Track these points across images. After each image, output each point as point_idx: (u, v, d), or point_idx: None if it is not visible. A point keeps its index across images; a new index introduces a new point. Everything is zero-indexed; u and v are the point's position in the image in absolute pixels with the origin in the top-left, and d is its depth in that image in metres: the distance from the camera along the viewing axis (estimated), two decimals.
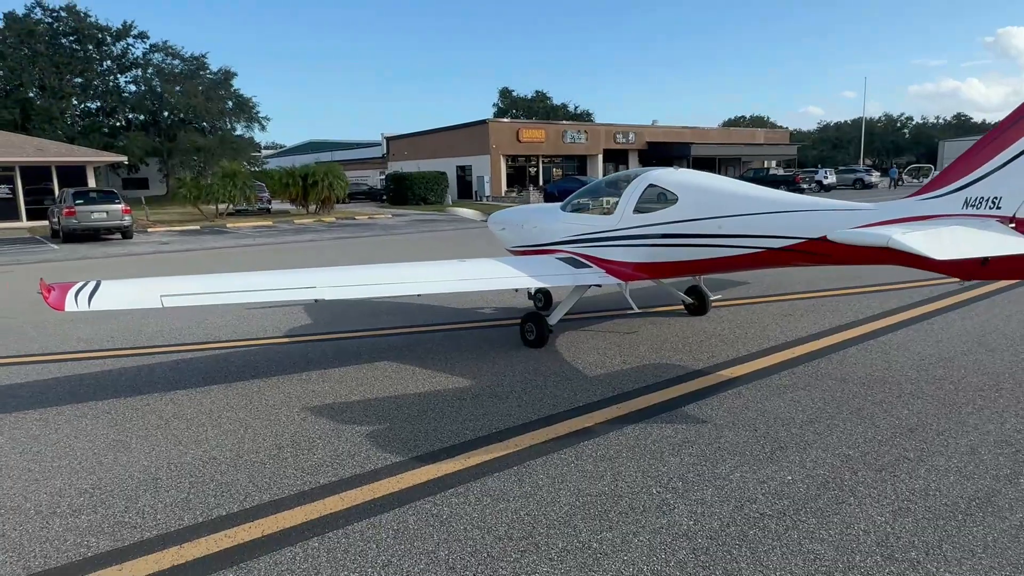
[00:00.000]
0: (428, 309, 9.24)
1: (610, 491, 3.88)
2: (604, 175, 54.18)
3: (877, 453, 4.31)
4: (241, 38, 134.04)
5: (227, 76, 63.36)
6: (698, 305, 8.34)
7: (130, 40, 59.98)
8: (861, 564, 3.11)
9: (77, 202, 23.15)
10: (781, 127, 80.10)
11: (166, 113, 61.42)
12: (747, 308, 8.78)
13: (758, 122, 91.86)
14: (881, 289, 9.69)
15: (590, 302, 8.92)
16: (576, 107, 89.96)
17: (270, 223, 30.90)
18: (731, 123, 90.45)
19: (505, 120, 48.00)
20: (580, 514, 3.63)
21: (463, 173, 49.22)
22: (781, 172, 53.44)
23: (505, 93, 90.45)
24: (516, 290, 7.03)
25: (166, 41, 61.45)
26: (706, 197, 6.32)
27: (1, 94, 54.07)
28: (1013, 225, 4.53)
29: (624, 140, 53.13)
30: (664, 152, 54.99)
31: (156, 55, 61.36)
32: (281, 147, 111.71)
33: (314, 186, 36.68)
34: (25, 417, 5.38)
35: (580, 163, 52.34)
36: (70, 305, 4.74)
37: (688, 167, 53.26)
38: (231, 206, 36.40)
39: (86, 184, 32.50)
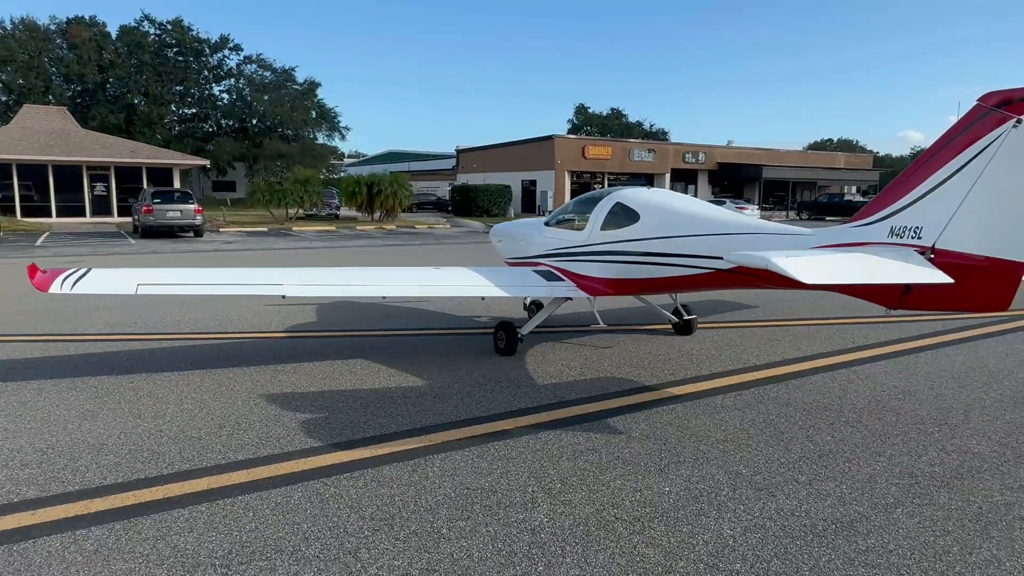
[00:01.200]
0: (431, 315, 9.62)
1: (489, 487, 4.11)
2: None
3: (769, 473, 4.35)
4: (329, 54, 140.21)
5: (312, 87, 66.46)
6: (683, 325, 8.37)
7: (226, 52, 63.93)
8: (681, 569, 3.23)
9: (155, 201, 24.99)
10: (868, 151, 76.96)
11: (255, 121, 64.90)
12: (737, 331, 8.73)
13: (846, 146, 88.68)
14: (894, 320, 9.40)
15: (588, 317, 9.09)
16: (651, 125, 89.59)
17: (333, 228, 32.25)
18: (817, 146, 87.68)
19: (571, 136, 48.33)
20: (448, 503, 3.88)
21: (529, 187, 49.80)
22: (859, 198, 51.36)
23: (581, 110, 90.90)
24: (483, 298, 7.31)
25: (259, 54, 65.17)
26: (664, 217, 6.44)
27: (110, 99, 58.68)
28: (932, 256, 4.48)
29: (693, 160, 52.47)
30: (734, 174, 53.98)
31: (249, 66, 65.11)
32: (364, 156, 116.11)
33: (379, 194, 37.98)
34: (26, 386, 6.07)
35: (647, 182, 51.95)
36: (55, 288, 5.38)
37: (759, 189, 52.33)
38: (300, 210, 38.24)
39: (171, 184, 34.92)
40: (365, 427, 5.11)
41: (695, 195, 54.87)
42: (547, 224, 8.07)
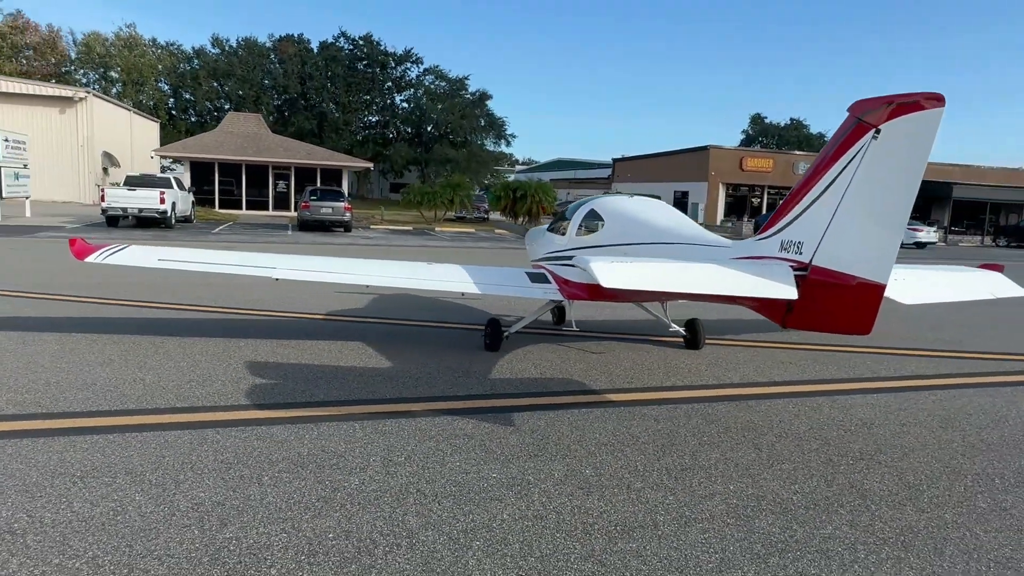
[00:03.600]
0: (458, 309, 10.19)
1: (340, 451, 4.57)
2: None
3: (634, 479, 4.38)
4: (505, 63, 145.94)
5: (483, 97, 69.86)
6: (690, 339, 8.18)
7: (408, 64, 69.21)
8: (457, 557, 3.50)
9: (311, 198, 27.99)
10: None
11: (429, 128, 69.55)
12: (746, 349, 8.34)
13: None
14: (933, 354, 8.46)
15: (626, 324, 9.17)
16: None
17: (472, 230, 33.93)
18: None
19: (728, 147, 46.36)
20: (290, 459, 4.40)
21: (681, 198, 48.63)
22: None
23: (756, 120, 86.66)
24: (463, 294, 7.66)
25: (436, 65, 69.84)
26: (623, 225, 6.45)
27: (307, 107, 65.91)
28: (806, 272, 4.22)
29: None
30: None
31: (427, 77, 69.95)
32: (534, 163, 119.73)
33: (522, 199, 39.20)
34: (69, 337, 7.46)
35: None
36: (91, 258, 6.66)
37: (948, 208, 46.58)
38: (449, 212, 40.55)
39: (340, 184, 38.73)
40: (296, 394, 5.79)
41: None
42: (548, 229, 8.29)
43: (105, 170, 42.27)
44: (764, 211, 46.26)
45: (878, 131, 3.83)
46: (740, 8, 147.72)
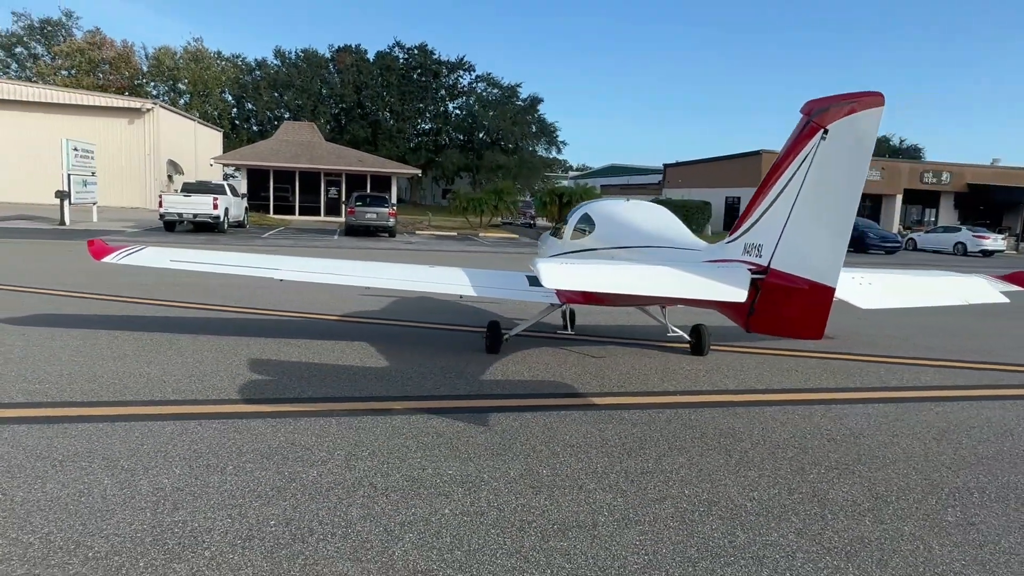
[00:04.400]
0: (471, 312, 10.31)
1: (302, 444, 4.73)
2: (902, 219, 47.57)
3: (589, 481, 4.40)
4: (558, 70, 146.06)
5: (534, 103, 70.09)
6: (695, 344, 8.08)
7: (460, 72, 70.10)
8: (386, 547, 3.61)
9: (357, 204, 28.70)
10: None
11: (481, 134, 70.17)
12: (754, 357, 8.16)
13: None
14: (950, 365, 8.10)
15: (639, 330, 9.14)
16: (902, 141, 79.75)
17: (515, 236, 34.05)
18: None
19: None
20: (258, 451, 4.58)
21: (733, 204, 47.61)
22: None
23: None
24: (460, 296, 7.75)
25: (488, 73, 70.46)
26: (611, 228, 6.44)
27: (362, 116, 67.48)
28: (763, 275, 4.14)
29: (934, 180, 46.13)
30: (987, 197, 46.33)
31: (479, 84, 70.68)
32: (588, 168, 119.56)
33: (567, 205, 39.20)
34: (94, 333, 7.88)
35: (873, 204, 46.78)
36: (108, 259, 7.06)
37: (1021, 215, 44.09)
38: (499, 218, 40.87)
39: (389, 191, 39.56)
40: (286, 390, 6.00)
41: (934, 220, 48.04)
42: (550, 233, 8.33)
43: (170, 177, 44.29)
44: None
45: (826, 132, 3.74)
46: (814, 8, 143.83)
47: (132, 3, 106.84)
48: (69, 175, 26.70)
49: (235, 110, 69.08)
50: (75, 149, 27.35)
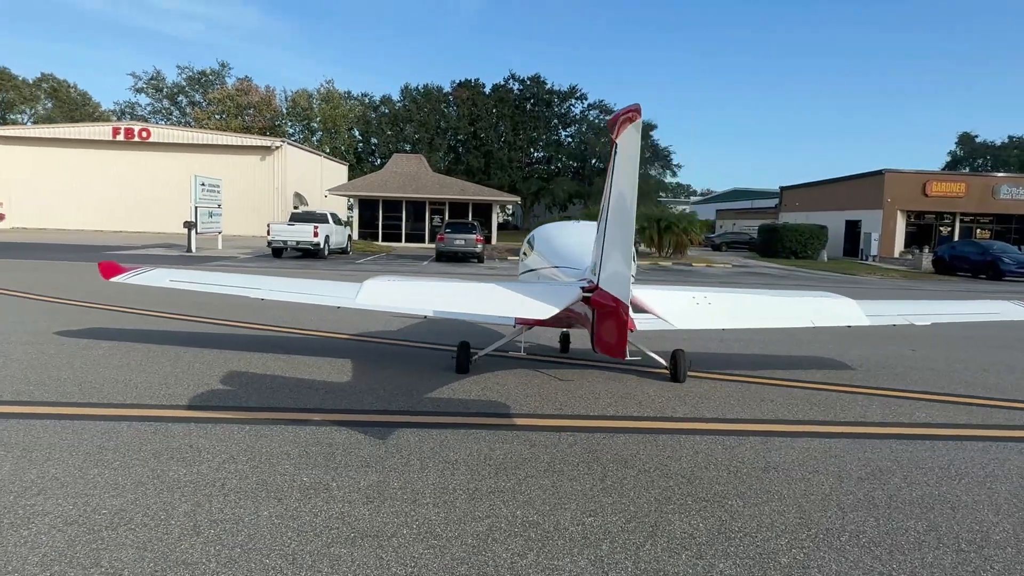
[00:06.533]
0: (481, 333, 10.47)
1: (204, 446, 5.14)
2: None
3: (438, 496, 4.49)
4: (680, 93, 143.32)
5: (647, 128, 69.48)
6: (672, 370, 7.79)
7: (572, 101, 70.99)
8: (178, 541, 3.93)
9: (447, 231, 29.83)
10: None
11: (593, 161, 70.49)
12: (738, 385, 7.72)
13: None
14: (957, 400, 7.21)
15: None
16: None
17: None
18: None
19: (907, 170, 41.61)
20: (160, 453, 5.05)
21: (854, 228, 44.44)
22: None
23: (966, 139, 76.67)
24: (425, 317, 7.89)
25: (601, 100, 70.83)
26: (541, 250, 6.43)
27: (477, 147, 69.96)
28: (591, 294, 4.04)
29: None
30: None
31: (591, 112, 71.16)
32: (711, 193, 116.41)
33: (667, 231, 38.38)
34: (121, 345, 8.85)
35: (1020, 225, 41.87)
36: (116, 278, 7.97)
37: None
38: None
39: (490, 219, 40.68)
40: (234, 399, 6.50)
41: None
42: (523, 254, 8.37)
43: (296, 208, 48.14)
44: (956, 239, 40.78)
45: (616, 147, 3.64)
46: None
47: (277, 48, 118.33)
48: (196, 207, 29.85)
49: (360, 145, 74.00)
50: (202, 184, 30.57)
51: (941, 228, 42.26)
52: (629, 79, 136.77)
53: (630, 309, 3.58)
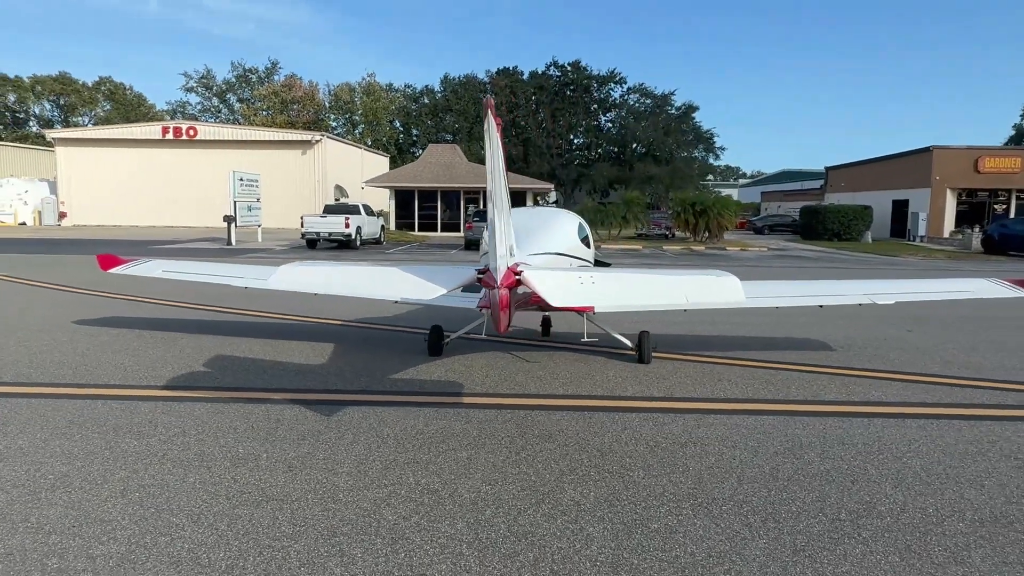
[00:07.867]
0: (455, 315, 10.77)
1: (164, 421, 5.60)
2: None
3: (358, 467, 4.82)
4: (729, 75, 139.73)
5: (689, 110, 68.29)
6: (638, 352, 7.94)
7: (611, 85, 70.22)
8: (104, 503, 4.36)
9: (474, 219, 30.25)
10: None
11: (635, 145, 69.66)
12: (703, 366, 7.82)
13: None
14: (915, 379, 7.13)
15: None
16: None
17: (639, 247, 33.65)
18: None
19: (957, 147, 39.83)
20: (121, 427, 5.53)
21: (901, 208, 42.91)
22: None
23: None
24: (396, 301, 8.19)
25: (641, 83, 69.85)
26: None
27: (515, 134, 69.97)
28: (483, 276, 4.25)
29: None
30: None
31: (631, 96, 70.30)
32: (761, 175, 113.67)
33: (703, 215, 37.89)
34: (130, 332, 9.49)
35: None
36: (113, 269, 8.55)
37: None
38: (634, 230, 40.50)
39: (524, 205, 40.83)
40: (207, 380, 6.98)
41: None
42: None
43: (337, 200, 49.29)
44: (1012, 215, 38.93)
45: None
46: None
47: (323, 45, 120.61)
48: (235, 202, 31.01)
49: (401, 136, 75.00)
50: (240, 179, 31.71)
51: (996, 206, 40.41)
52: (695, 62, 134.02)
53: (507, 289, 3.81)
